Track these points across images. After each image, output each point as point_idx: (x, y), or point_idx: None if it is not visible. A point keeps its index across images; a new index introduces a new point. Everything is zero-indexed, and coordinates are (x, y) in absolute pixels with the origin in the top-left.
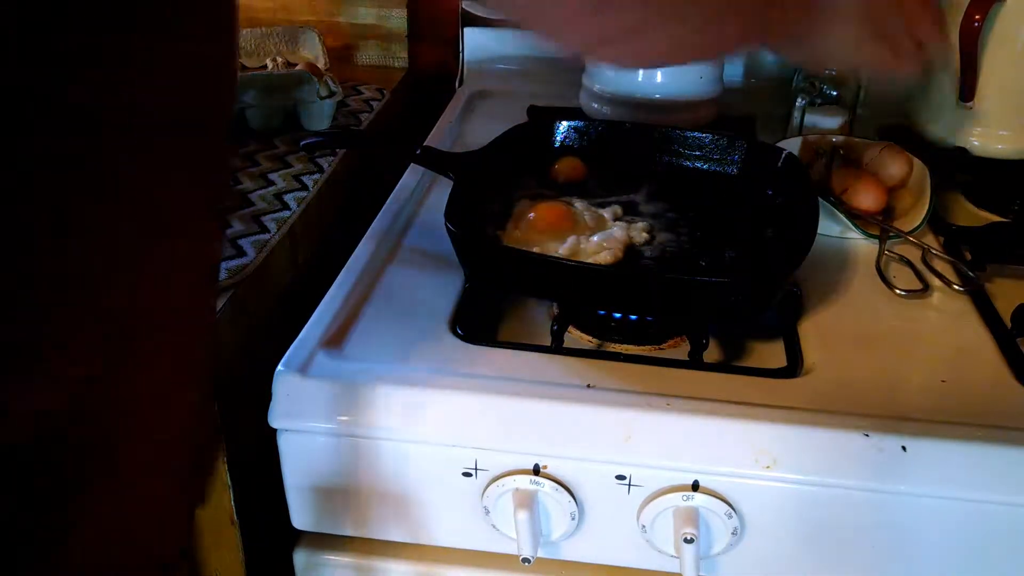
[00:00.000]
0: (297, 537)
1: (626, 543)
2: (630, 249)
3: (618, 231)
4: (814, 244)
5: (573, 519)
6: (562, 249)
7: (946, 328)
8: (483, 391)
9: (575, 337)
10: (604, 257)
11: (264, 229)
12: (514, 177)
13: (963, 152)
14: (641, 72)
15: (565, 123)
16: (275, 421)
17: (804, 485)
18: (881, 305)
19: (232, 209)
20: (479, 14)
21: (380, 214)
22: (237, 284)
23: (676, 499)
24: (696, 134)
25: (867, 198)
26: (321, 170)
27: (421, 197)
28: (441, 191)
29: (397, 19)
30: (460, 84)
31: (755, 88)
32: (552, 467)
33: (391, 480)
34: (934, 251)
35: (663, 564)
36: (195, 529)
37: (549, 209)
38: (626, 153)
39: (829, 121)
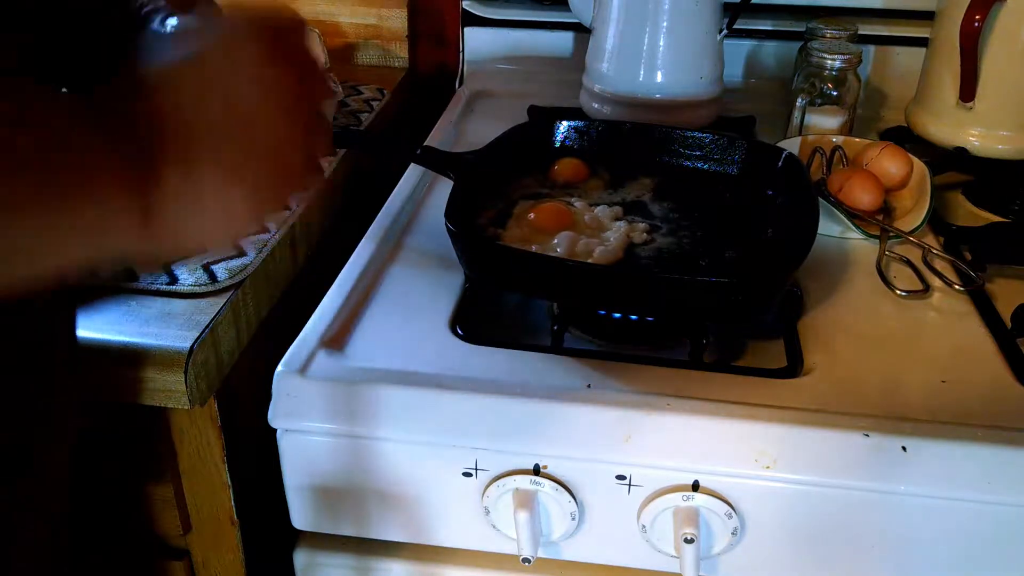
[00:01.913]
0: (297, 537)
1: (626, 543)
2: (630, 249)
3: (618, 231)
4: (814, 244)
5: (573, 519)
6: (562, 249)
7: (946, 328)
8: (483, 391)
9: (575, 337)
10: (604, 257)
11: (264, 229)
12: (514, 177)
13: (963, 152)
14: (641, 72)
15: (565, 123)
16: (275, 421)
17: (804, 485)
18: (881, 305)
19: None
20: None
21: (380, 214)
22: (237, 284)
23: (676, 499)
24: (696, 134)
25: (863, 196)
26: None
27: (421, 197)
28: (441, 191)
29: (397, 19)
30: (460, 84)
31: (755, 88)
32: (552, 467)
33: (391, 480)
34: (934, 251)
35: (663, 564)
36: (195, 529)
37: (549, 209)
38: (626, 153)
39: (829, 121)
